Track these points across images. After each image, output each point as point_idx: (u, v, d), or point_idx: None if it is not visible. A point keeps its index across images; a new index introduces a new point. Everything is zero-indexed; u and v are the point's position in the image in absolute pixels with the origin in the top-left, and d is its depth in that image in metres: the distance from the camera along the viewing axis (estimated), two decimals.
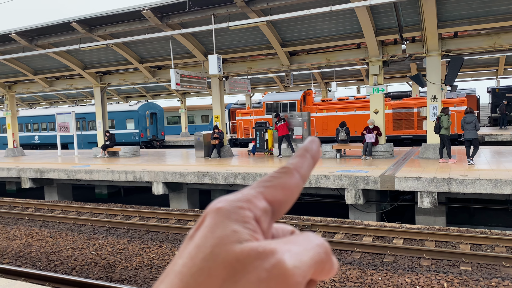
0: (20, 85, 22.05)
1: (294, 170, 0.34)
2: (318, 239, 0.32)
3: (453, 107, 19.60)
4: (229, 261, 0.28)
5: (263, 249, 0.28)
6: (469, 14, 12.26)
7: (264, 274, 0.28)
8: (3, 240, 9.96)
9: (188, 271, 0.28)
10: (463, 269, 6.88)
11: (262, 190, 0.33)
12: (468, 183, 9.22)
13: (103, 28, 15.17)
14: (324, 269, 0.32)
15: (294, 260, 0.29)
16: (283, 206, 0.33)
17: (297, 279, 0.28)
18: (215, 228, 0.30)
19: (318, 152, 0.37)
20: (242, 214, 0.30)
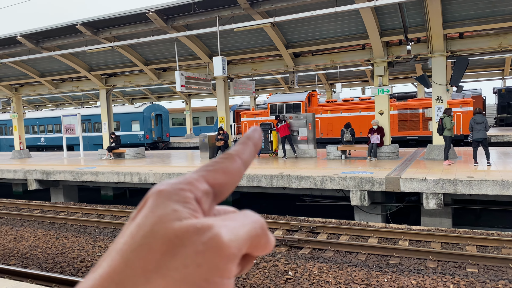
0: (26, 87, 22.21)
1: (236, 156, 0.36)
2: (254, 216, 0.34)
3: (459, 108, 19.52)
4: (168, 236, 0.29)
5: (201, 225, 0.30)
6: (475, 14, 12.21)
7: (201, 247, 0.29)
8: (9, 241, 10.02)
9: (129, 247, 0.29)
10: (470, 271, 6.83)
11: (204, 173, 0.34)
12: (474, 184, 9.16)
13: (109, 30, 15.25)
14: (260, 244, 0.33)
15: (230, 234, 0.30)
16: (225, 188, 0.35)
17: (232, 251, 0.30)
18: (156, 208, 0.31)
19: (260, 140, 0.38)
20: (182, 195, 0.32)
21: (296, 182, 11.09)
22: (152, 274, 0.28)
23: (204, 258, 0.29)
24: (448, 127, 11.61)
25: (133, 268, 0.29)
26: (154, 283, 0.28)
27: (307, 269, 7.19)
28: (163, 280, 0.28)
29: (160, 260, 0.29)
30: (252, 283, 6.78)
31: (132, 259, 0.29)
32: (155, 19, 13.77)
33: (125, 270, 0.29)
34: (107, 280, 0.29)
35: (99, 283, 0.29)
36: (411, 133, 20.44)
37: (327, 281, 6.66)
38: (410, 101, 21.18)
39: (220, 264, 0.29)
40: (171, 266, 0.29)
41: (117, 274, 0.29)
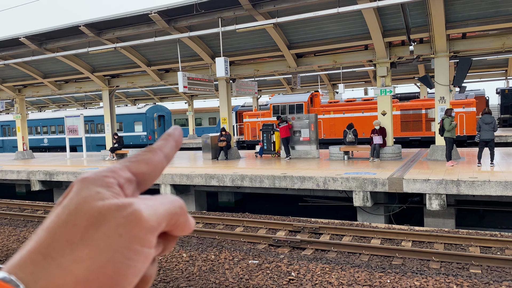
0: (29, 88, 22.29)
1: (158, 149, 0.39)
2: (173, 197, 0.37)
3: (462, 109, 19.46)
4: (92, 213, 0.32)
5: (122, 203, 0.33)
6: (478, 14, 12.18)
7: (122, 220, 0.32)
8: (13, 242, 10.05)
9: (55, 224, 0.32)
10: (473, 272, 6.81)
11: (127, 164, 0.37)
12: (478, 185, 9.14)
13: (111, 31, 15.29)
14: (179, 223, 0.36)
15: (149, 210, 0.33)
16: (147, 178, 0.38)
17: (151, 224, 0.33)
18: (81, 191, 0.34)
19: (180, 137, 0.42)
20: (106, 181, 0.34)
21: (299, 182, 11.09)
22: (77, 244, 0.31)
23: (125, 229, 0.32)
24: (448, 128, 11.54)
25: (59, 241, 0.31)
26: (79, 251, 0.31)
27: (310, 270, 7.19)
28: (87, 248, 0.31)
29: (84, 232, 0.31)
30: (255, 284, 6.78)
31: (58, 234, 0.31)
32: (157, 20, 13.79)
33: (51, 243, 0.31)
34: (34, 253, 0.31)
35: (27, 256, 0.31)
36: (413, 133, 20.40)
37: (330, 282, 6.66)
38: (412, 102, 21.14)
39: (140, 234, 0.32)
40: (95, 237, 0.31)
41: (43, 247, 0.31)
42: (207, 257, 8.10)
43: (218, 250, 8.47)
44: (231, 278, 7.05)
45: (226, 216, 10.94)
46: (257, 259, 7.85)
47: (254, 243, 8.95)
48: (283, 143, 15.58)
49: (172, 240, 0.38)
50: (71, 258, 0.30)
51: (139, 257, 0.32)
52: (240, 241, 9.13)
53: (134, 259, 0.32)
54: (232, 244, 8.93)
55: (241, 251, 8.32)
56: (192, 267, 7.69)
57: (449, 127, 11.51)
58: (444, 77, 13.07)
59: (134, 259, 0.32)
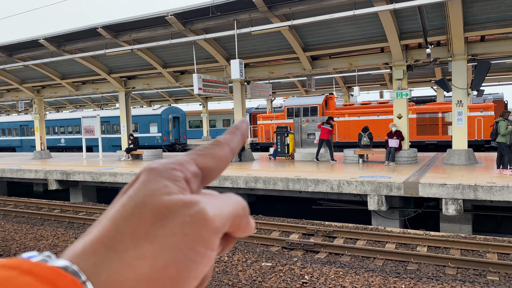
0: (48, 89, 22.70)
1: (225, 143, 0.38)
2: (237, 198, 0.36)
3: (480, 112, 19.15)
4: (158, 207, 0.31)
5: (188, 200, 0.32)
6: (497, 17, 11.97)
7: (188, 218, 0.31)
8: (30, 240, 10.23)
9: (120, 215, 0.31)
10: (490, 279, 6.69)
11: (195, 157, 0.36)
12: (496, 191, 8.97)
13: (128, 33, 15.48)
14: (241, 225, 0.36)
15: (215, 210, 0.33)
16: (213, 172, 0.37)
17: (216, 225, 0.32)
18: (148, 182, 0.33)
19: (247, 130, 0.41)
20: (173, 174, 0.34)
21: (313, 185, 11.04)
22: (141, 240, 0.30)
23: (191, 229, 0.31)
24: (503, 133, 10.55)
25: (123, 234, 0.30)
26: (143, 248, 0.30)
27: (323, 273, 7.14)
28: (151, 245, 0.30)
29: (149, 228, 0.30)
30: (268, 286, 6.77)
31: (122, 226, 0.30)
32: (174, 22, 13.91)
33: (115, 235, 0.30)
34: (97, 243, 0.30)
35: (90, 246, 0.30)
36: (430, 137, 20.13)
37: (344, 286, 6.60)
38: (429, 105, 20.88)
39: (205, 236, 0.31)
40: (160, 233, 0.30)
41: (107, 239, 0.30)
42: (220, 259, 8.11)
43: (231, 251, 8.48)
44: (244, 280, 7.05)
45: None
46: (270, 261, 7.84)
47: (267, 246, 8.94)
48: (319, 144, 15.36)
49: (231, 241, 0.37)
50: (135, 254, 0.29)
51: (202, 260, 0.31)
52: (253, 243, 9.12)
53: (197, 261, 0.31)
54: (245, 246, 8.93)
55: (254, 253, 8.32)
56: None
57: (504, 131, 10.56)
58: (461, 81, 12.87)
59: (197, 262, 0.31)
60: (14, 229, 11.31)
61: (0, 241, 10.20)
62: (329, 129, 15.09)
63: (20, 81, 21.92)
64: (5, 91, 24.51)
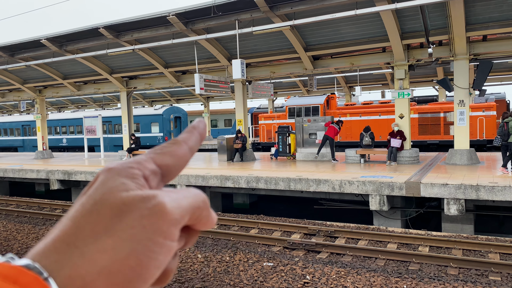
0: (49, 89, 22.73)
1: (183, 142, 0.39)
2: (197, 191, 0.37)
3: (482, 112, 19.11)
4: (116, 203, 0.32)
5: (146, 194, 0.33)
6: (499, 17, 11.95)
7: (146, 212, 0.32)
8: (32, 240, 10.25)
9: (79, 214, 0.32)
10: (492, 279, 6.67)
11: (153, 155, 0.37)
12: (498, 190, 8.94)
13: (130, 33, 15.49)
14: (202, 217, 0.37)
15: (173, 202, 0.34)
16: (172, 170, 0.38)
17: (175, 217, 0.33)
18: (106, 181, 0.34)
19: (204, 130, 0.42)
20: (131, 172, 0.35)
21: (314, 185, 11.03)
22: (101, 235, 0.31)
23: (149, 221, 0.32)
24: None
25: (83, 230, 0.31)
26: (103, 242, 0.31)
27: (325, 273, 7.14)
28: (111, 239, 0.31)
29: (108, 223, 0.31)
30: (270, 286, 6.77)
31: (82, 223, 0.31)
32: (175, 22, 13.92)
33: (76, 232, 0.31)
34: (59, 241, 0.31)
35: (51, 244, 0.31)
36: (432, 137, 20.10)
37: (345, 286, 6.60)
38: (431, 105, 20.84)
39: (163, 227, 0.32)
40: (118, 227, 0.31)
41: (68, 236, 0.31)
42: (221, 258, 8.11)
43: (233, 251, 8.48)
44: (245, 280, 7.05)
45: (241, 217, 10.95)
46: (272, 261, 7.84)
47: (269, 246, 8.93)
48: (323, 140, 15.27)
49: (194, 234, 0.38)
50: (95, 248, 0.30)
51: (162, 250, 0.32)
52: (254, 243, 9.12)
53: (157, 251, 0.32)
54: (246, 246, 8.93)
55: (256, 253, 8.31)
56: (207, 268, 7.71)
57: None
58: (463, 80, 12.85)
59: (156, 252, 0.32)
60: (16, 229, 11.33)
61: (2, 241, 10.22)
62: (337, 129, 15.10)
63: (22, 81, 21.96)
64: (7, 91, 24.56)
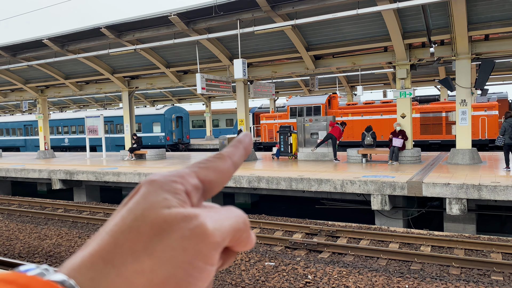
0: (51, 89, 22.77)
1: (227, 157, 0.38)
2: (238, 211, 0.36)
3: (484, 112, 19.07)
4: (157, 221, 0.31)
5: (188, 213, 0.31)
6: (501, 16, 11.92)
7: (187, 233, 0.31)
8: (34, 239, 10.27)
9: (119, 229, 0.31)
10: (494, 279, 6.66)
11: (196, 170, 0.36)
12: (500, 190, 8.93)
13: (131, 33, 15.51)
14: (242, 239, 0.35)
15: (215, 224, 0.32)
16: (214, 186, 0.37)
17: (216, 239, 0.32)
18: (148, 195, 0.32)
19: (250, 144, 0.41)
20: (174, 186, 0.33)
21: (316, 185, 11.03)
22: (140, 254, 0.30)
23: (190, 243, 0.31)
24: None
25: (122, 247, 0.30)
26: (142, 262, 0.30)
27: (326, 273, 7.14)
28: (150, 259, 0.30)
29: (148, 242, 0.30)
30: (271, 285, 6.77)
31: (121, 240, 0.30)
32: (177, 22, 13.92)
33: (114, 249, 0.30)
34: (96, 257, 0.30)
35: (88, 259, 0.30)
36: (433, 137, 20.07)
37: (347, 286, 6.59)
38: (433, 104, 20.82)
39: (204, 250, 0.31)
40: (158, 248, 0.30)
41: (106, 252, 0.30)
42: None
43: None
44: (247, 279, 7.05)
45: None
46: (274, 261, 7.84)
47: (271, 245, 8.93)
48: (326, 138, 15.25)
49: (232, 256, 0.36)
50: (133, 268, 0.29)
51: (201, 275, 0.31)
52: (256, 242, 9.12)
53: (196, 276, 0.31)
54: None
55: (258, 253, 8.32)
56: None
57: None
58: (465, 80, 12.82)
59: (196, 277, 0.31)
60: (18, 228, 11.36)
61: (5, 240, 10.25)
62: (341, 131, 15.11)
63: (24, 81, 22.00)
64: (9, 91, 24.61)
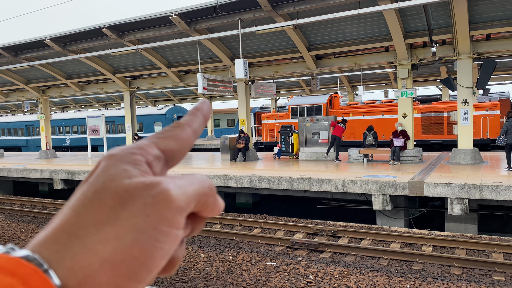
0: (53, 89, 22.81)
1: (186, 125, 0.37)
2: (203, 177, 0.36)
3: (486, 111, 19.03)
4: (118, 191, 0.31)
5: (149, 181, 0.32)
6: (503, 15, 11.89)
7: (149, 199, 0.31)
8: None
9: (81, 203, 0.31)
10: (496, 279, 6.65)
11: (155, 140, 0.36)
12: (502, 190, 8.91)
13: (133, 33, 15.52)
14: (208, 203, 0.35)
15: (178, 189, 0.32)
16: (176, 154, 0.36)
17: (180, 204, 0.32)
18: (108, 168, 0.33)
19: (208, 111, 0.40)
20: (133, 158, 0.33)
21: (317, 185, 11.02)
22: (103, 224, 0.30)
23: (153, 209, 0.31)
24: None
25: (85, 220, 0.30)
26: (105, 232, 0.30)
27: (327, 273, 7.14)
28: (113, 228, 0.30)
29: (110, 212, 0.30)
30: (273, 285, 6.77)
31: (83, 212, 0.30)
32: (178, 22, 13.93)
33: (77, 222, 0.30)
34: (59, 231, 0.30)
35: (52, 234, 0.30)
36: (435, 136, 20.04)
37: (348, 286, 6.59)
38: (434, 104, 20.78)
39: (168, 215, 0.31)
40: (121, 216, 0.30)
41: (69, 225, 0.30)
42: (224, 258, 8.12)
43: (236, 251, 8.49)
44: (248, 279, 7.06)
45: (243, 217, 10.95)
46: (275, 261, 7.84)
47: (272, 245, 8.93)
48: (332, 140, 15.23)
49: (200, 222, 0.37)
50: (97, 238, 0.30)
51: (167, 239, 0.31)
52: (257, 242, 9.12)
53: (162, 240, 0.31)
54: (249, 246, 8.94)
55: (259, 253, 8.32)
56: (210, 267, 7.72)
57: None
58: (467, 79, 12.80)
59: (161, 241, 0.31)
60: (20, 228, 11.38)
61: (7, 240, 10.27)
62: (343, 128, 15.10)
63: (25, 81, 22.04)
64: (11, 91, 24.66)
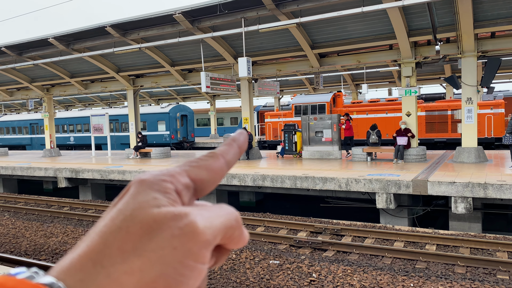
0: (57, 88, 22.88)
1: (220, 155, 0.37)
2: (229, 209, 0.36)
3: (490, 110, 18.94)
4: (147, 221, 0.30)
5: (178, 212, 0.31)
6: (507, 13, 11.82)
7: (177, 231, 0.30)
8: (40, 237, 10.34)
9: (108, 229, 0.30)
10: (500, 278, 6.62)
11: (187, 168, 0.36)
12: (506, 189, 8.87)
13: (136, 32, 15.54)
14: (234, 236, 0.35)
15: (205, 222, 0.32)
16: (206, 185, 0.36)
17: (206, 237, 0.31)
18: (137, 195, 0.32)
19: (245, 143, 0.40)
20: (163, 185, 0.33)
21: (321, 183, 11.01)
22: (129, 254, 0.29)
23: (180, 242, 0.30)
24: None
25: (111, 248, 0.30)
26: (131, 262, 0.29)
27: (331, 271, 7.13)
28: (139, 260, 0.29)
29: (137, 242, 0.30)
30: (276, 284, 6.78)
31: (110, 240, 0.30)
32: (181, 20, 13.94)
33: (103, 249, 0.30)
34: (85, 258, 0.30)
35: (77, 261, 0.30)
36: (439, 135, 19.97)
37: (352, 284, 6.59)
38: (438, 103, 20.70)
39: (194, 249, 0.31)
40: (148, 247, 0.30)
41: (95, 253, 0.30)
42: (228, 256, 8.13)
43: (239, 249, 8.50)
44: (252, 277, 7.07)
45: (247, 215, 10.96)
46: (278, 259, 7.84)
47: (275, 243, 8.94)
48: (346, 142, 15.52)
49: (224, 253, 0.36)
50: (122, 269, 0.29)
51: (192, 273, 0.30)
52: (261, 241, 9.13)
53: (187, 275, 0.30)
54: (253, 244, 8.95)
55: (262, 251, 8.33)
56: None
57: None
58: (471, 78, 12.74)
59: (186, 275, 0.30)
60: (24, 226, 11.44)
61: (11, 238, 10.32)
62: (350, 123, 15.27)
63: (30, 80, 22.12)
64: (15, 89, 24.76)
